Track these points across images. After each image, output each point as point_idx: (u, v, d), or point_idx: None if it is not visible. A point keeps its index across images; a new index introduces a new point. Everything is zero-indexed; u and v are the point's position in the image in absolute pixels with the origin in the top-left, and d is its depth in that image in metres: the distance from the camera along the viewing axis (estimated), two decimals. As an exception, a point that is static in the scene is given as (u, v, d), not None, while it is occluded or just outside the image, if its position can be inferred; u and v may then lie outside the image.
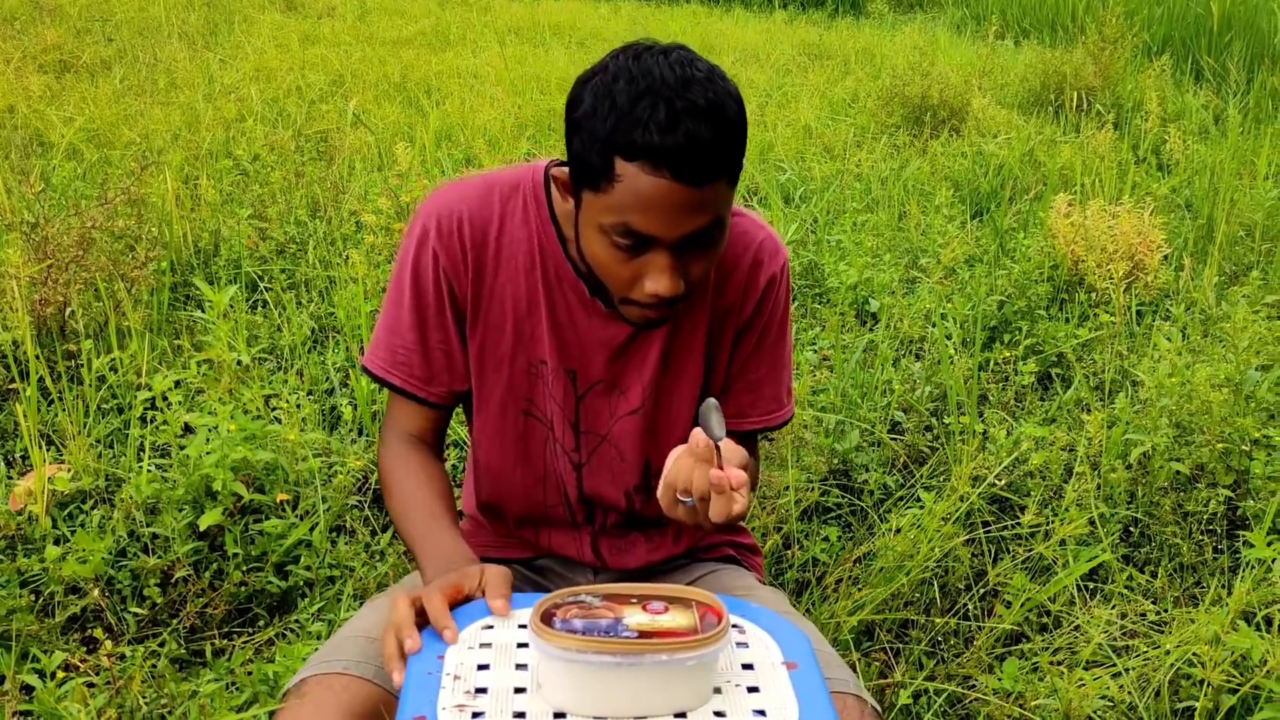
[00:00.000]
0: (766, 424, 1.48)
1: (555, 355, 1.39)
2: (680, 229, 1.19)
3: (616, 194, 1.18)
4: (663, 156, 1.14)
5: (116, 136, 4.72)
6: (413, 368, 1.40)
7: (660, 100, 1.14)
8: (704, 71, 1.18)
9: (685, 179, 1.15)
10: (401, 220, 3.30)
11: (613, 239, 1.21)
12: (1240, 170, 4.75)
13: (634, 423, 1.43)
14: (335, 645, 1.33)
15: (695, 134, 1.14)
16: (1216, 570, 2.10)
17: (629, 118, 1.15)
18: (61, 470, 2.29)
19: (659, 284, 1.22)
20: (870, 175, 4.58)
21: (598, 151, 1.17)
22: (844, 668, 1.34)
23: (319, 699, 1.24)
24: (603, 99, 1.17)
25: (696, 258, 1.24)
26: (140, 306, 2.93)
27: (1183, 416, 2.35)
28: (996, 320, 3.10)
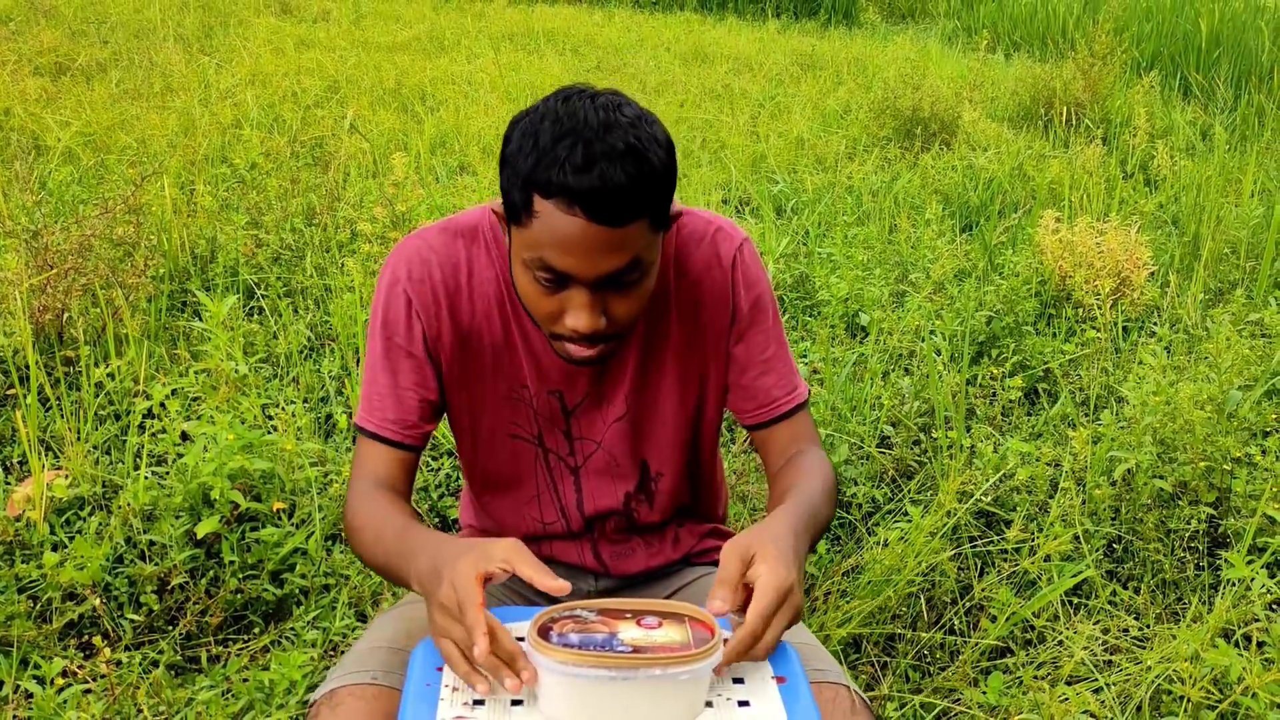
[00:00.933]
0: (794, 401, 1.48)
1: (536, 381, 1.43)
2: (595, 268, 1.22)
3: (535, 230, 1.21)
4: (576, 196, 1.18)
5: (113, 141, 4.74)
6: (385, 410, 1.42)
7: (580, 141, 1.18)
8: (629, 117, 1.21)
9: (598, 219, 1.19)
10: (398, 229, 3.33)
11: (534, 274, 1.25)
12: (1226, 188, 4.81)
13: (622, 427, 1.47)
14: (360, 656, 1.36)
15: (610, 176, 1.17)
16: (1198, 587, 2.14)
17: (548, 156, 1.18)
18: (60, 477, 2.31)
19: (578, 320, 1.26)
20: (862, 187, 4.62)
21: (519, 188, 1.21)
22: (829, 659, 1.39)
23: (352, 709, 1.28)
24: (528, 138, 1.21)
25: (618, 297, 1.27)
26: (138, 314, 2.95)
27: (1166, 434, 2.39)
28: (985, 335, 3.14)
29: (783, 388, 1.47)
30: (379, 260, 3.19)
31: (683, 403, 1.49)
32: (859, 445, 2.57)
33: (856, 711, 1.30)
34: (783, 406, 1.47)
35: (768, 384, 1.47)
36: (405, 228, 3.37)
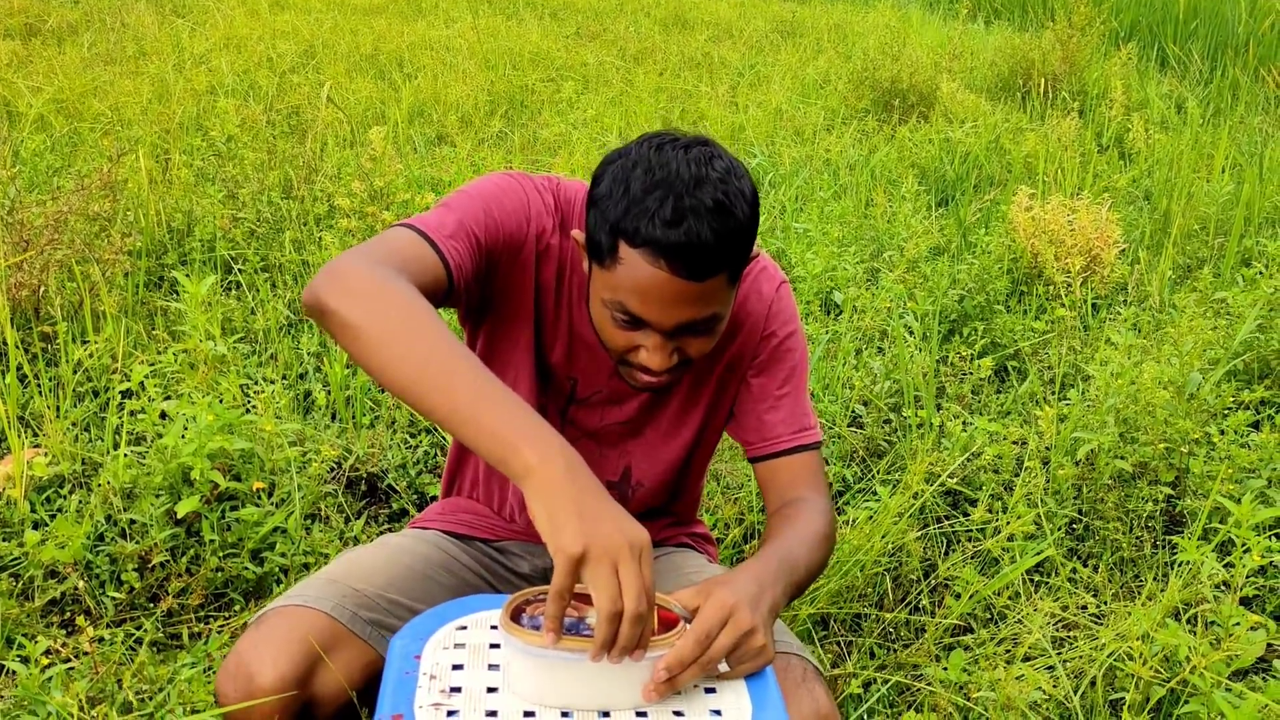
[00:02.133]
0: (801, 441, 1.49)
1: (564, 363, 1.47)
2: (673, 318, 1.27)
3: (618, 275, 1.25)
4: (663, 249, 1.21)
5: (86, 108, 4.70)
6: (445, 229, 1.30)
7: (670, 194, 1.20)
8: (720, 171, 1.24)
9: (682, 273, 1.22)
10: (375, 204, 3.33)
11: (613, 313, 1.29)
12: (1198, 163, 4.86)
13: (622, 431, 1.51)
14: (299, 585, 1.41)
15: (697, 232, 1.20)
16: (1155, 565, 2.21)
17: (639, 206, 1.21)
18: (39, 455, 2.32)
19: (651, 360, 1.30)
20: (839, 161, 4.65)
21: (606, 232, 1.24)
22: (786, 631, 1.44)
23: (274, 626, 1.32)
24: (619, 183, 1.24)
25: (693, 340, 1.31)
26: (115, 290, 2.96)
27: (1129, 414, 2.45)
28: (956, 314, 3.19)
29: (789, 426, 1.49)
30: (357, 235, 3.20)
31: (686, 426, 1.53)
32: (830, 425, 2.62)
33: (807, 679, 1.35)
34: (785, 443, 1.48)
35: (775, 419, 1.49)
36: (383, 203, 3.38)
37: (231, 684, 1.30)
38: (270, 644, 1.30)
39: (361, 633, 1.35)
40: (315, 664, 1.31)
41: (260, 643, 1.31)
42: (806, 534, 1.38)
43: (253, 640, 1.32)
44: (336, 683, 1.33)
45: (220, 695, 1.33)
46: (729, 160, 1.27)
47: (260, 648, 1.30)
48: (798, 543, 1.36)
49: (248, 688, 1.29)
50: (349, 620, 1.35)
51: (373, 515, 2.39)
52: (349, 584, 1.39)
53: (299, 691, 1.30)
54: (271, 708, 1.29)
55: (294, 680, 1.29)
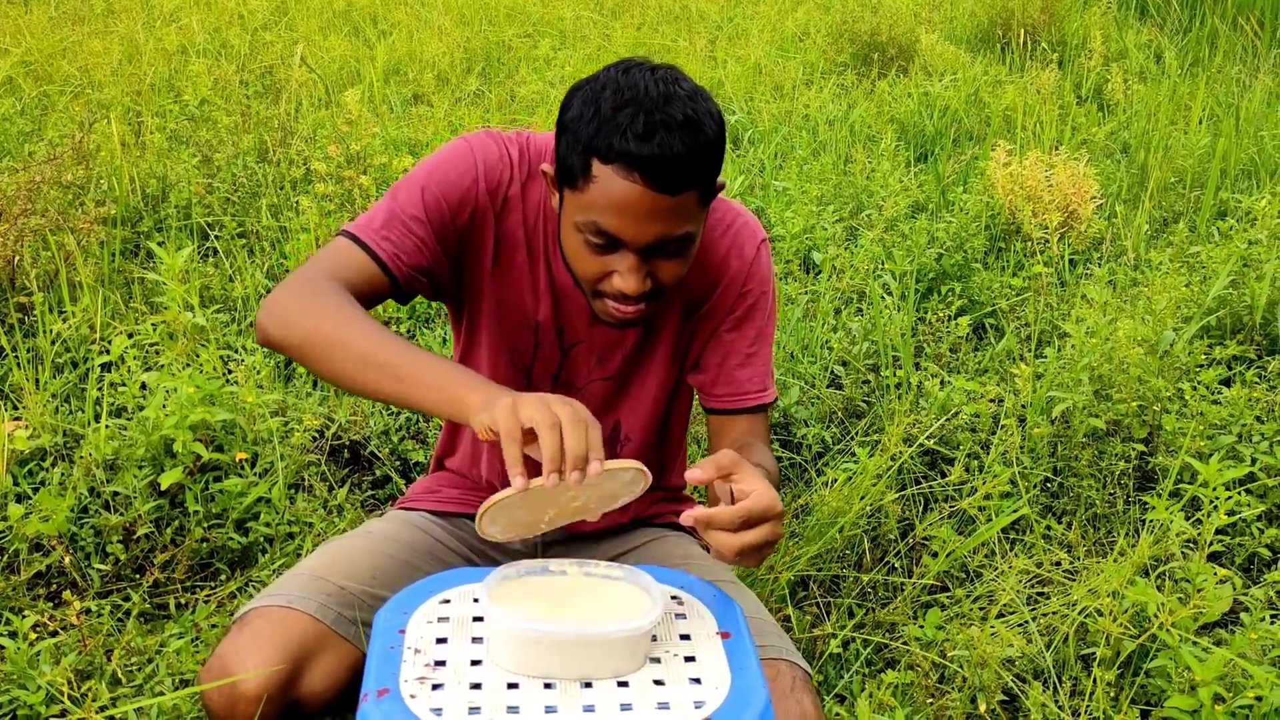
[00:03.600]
0: (762, 399, 1.55)
1: (550, 313, 1.49)
2: (647, 234, 1.29)
3: (591, 194, 1.27)
4: (636, 162, 1.24)
5: (55, 70, 4.63)
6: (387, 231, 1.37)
7: (641, 111, 1.24)
8: (687, 90, 1.28)
9: (655, 186, 1.25)
10: (352, 168, 3.31)
11: (586, 236, 1.31)
12: (1175, 115, 4.87)
13: (607, 387, 1.54)
14: (281, 582, 1.40)
15: (669, 145, 1.24)
16: (1126, 521, 2.25)
17: (610, 124, 1.24)
18: (20, 428, 2.32)
19: (626, 282, 1.32)
20: (818, 117, 4.63)
21: (578, 153, 1.27)
22: (779, 634, 1.45)
23: (258, 629, 1.32)
24: (589, 105, 1.26)
25: (665, 263, 1.34)
26: (90, 259, 2.94)
27: (1103, 372, 2.48)
28: (935, 272, 3.20)
29: (756, 384, 1.54)
30: (334, 200, 3.18)
31: (668, 377, 1.55)
32: (809, 386, 2.64)
33: (796, 688, 1.36)
34: (750, 400, 1.54)
35: (744, 376, 1.53)
36: (360, 166, 3.35)
37: (215, 689, 1.30)
38: (254, 648, 1.30)
39: (346, 633, 1.36)
40: (300, 666, 1.32)
41: (243, 647, 1.31)
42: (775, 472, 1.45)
43: (235, 644, 1.32)
44: (321, 684, 1.33)
45: (204, 699, 1.33)
46: (693, 84, 1.31)
47: (243, 652, 1.30)
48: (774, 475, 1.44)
49: (231, 693, 1.29)
50: (333, 621, 1.36)
51: (356, 483, 2.40)
52: (333, 580, 1.39)
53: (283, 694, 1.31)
54: (254, 710, 1.29)
55: (278, 683, 1.30)
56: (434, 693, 1.17)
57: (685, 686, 1.20)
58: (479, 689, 1.18)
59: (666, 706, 1.17)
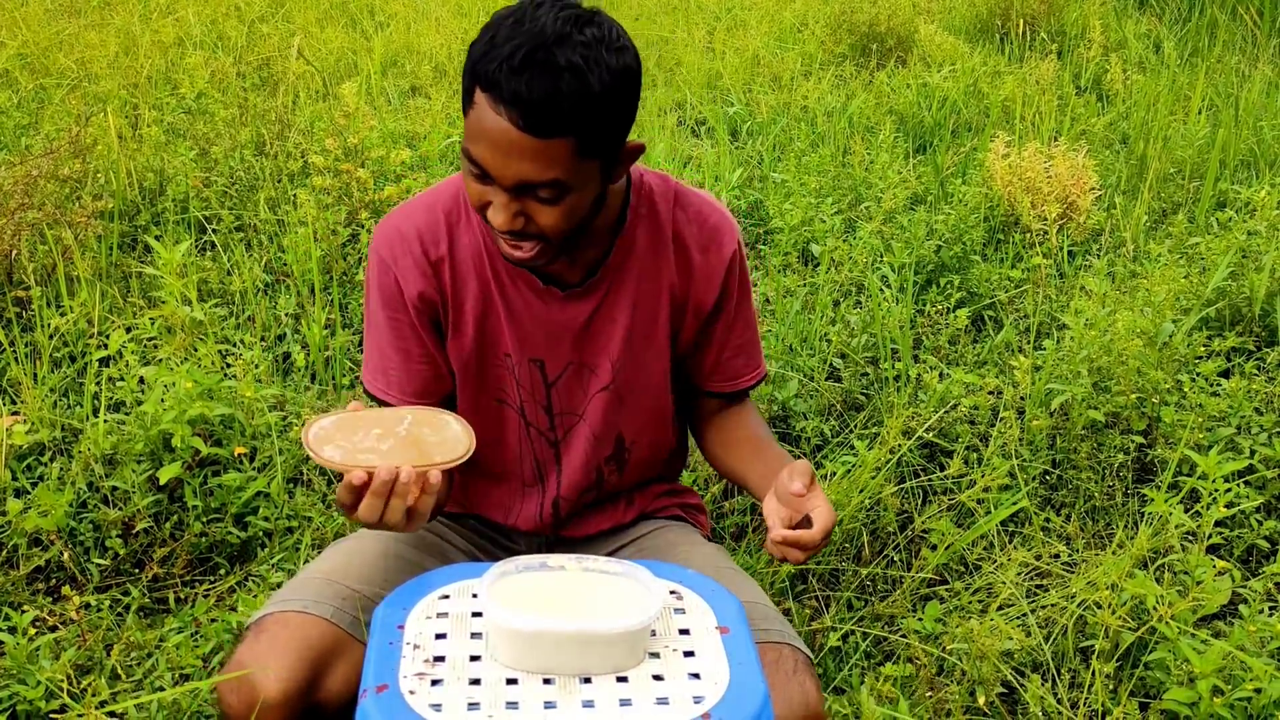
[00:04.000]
0: (757, 378, 1.60)
1: (516, 348, 1.47)
2: (508, 171, 1.26)
3: (470, 119, 1.27)
4: (503, 96, 1.21)
5: (51, 62, 4.61)
6: (402, 384, 1.48)
7: (526, 44, 1.21)
8: (588, 37, 1.23)
9: (522, 125, 1.22)
10: (350, 160, 3.30)
11: (468, 164, 1.30)
12: (1175, 105, 4.86)
13: (605, 398, 1.51)
14: (296, 585, 1.40)
15: (540, 85, 1.20)
16: (1126, 514, 2.25)
17: (496, 51, 1.22)
18: (19, 422, 2.32)
19: (494, 216, 1.30)
20: (816, 108, 4.62)
21: (467, 76, 1.26)
22: (779, 619, 1.45)
23: (275, 635, 1.32)
24: (489, 29, 1.25)
25: (539, 208, 1.30)
26: (88, 254, 2.93)
27: (1102, 364, 2.48)
28: (934, 264, 3.20)
29: (749, 368, 1.58)
30: (332, 194, 3.17)
31: (663, 375, 1.54)
32: (809, 378, 2.64)
33: (798, 671, 1.36)
34: (745, 383, 1.58)
35: (739, 365, 1.57)
36: (358, 159, 3.35)
37: (235, 695, 1.30)
38: (273, 654, 1.30)
39: (362, 636, 1.36)
40: (319, 671, 1.32)
41: (263, 653, 1.30)
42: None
43: (254, 650, 1.31)
44: (339, 687, 1.33)
45: (223, 704, 1.32)
46: (610, 34, 1.26)
47: (263, 658, 1.30)
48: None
49: (251, 699, 1.29)
50: (350, 625, 1.36)
51: (355, 477, 2.39)
52: (347, 584, 1.40)
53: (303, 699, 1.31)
54: (277, 718, 1.29)
55: (297, 690, 1.30)
56: (433, 688, 1.17)
57: (684, 681, 1.20)
58: (478, 684, 1.18)
59: (666, 702, 1.17)
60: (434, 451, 1.30)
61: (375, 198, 3.21)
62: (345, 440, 1.28)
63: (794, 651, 1.39)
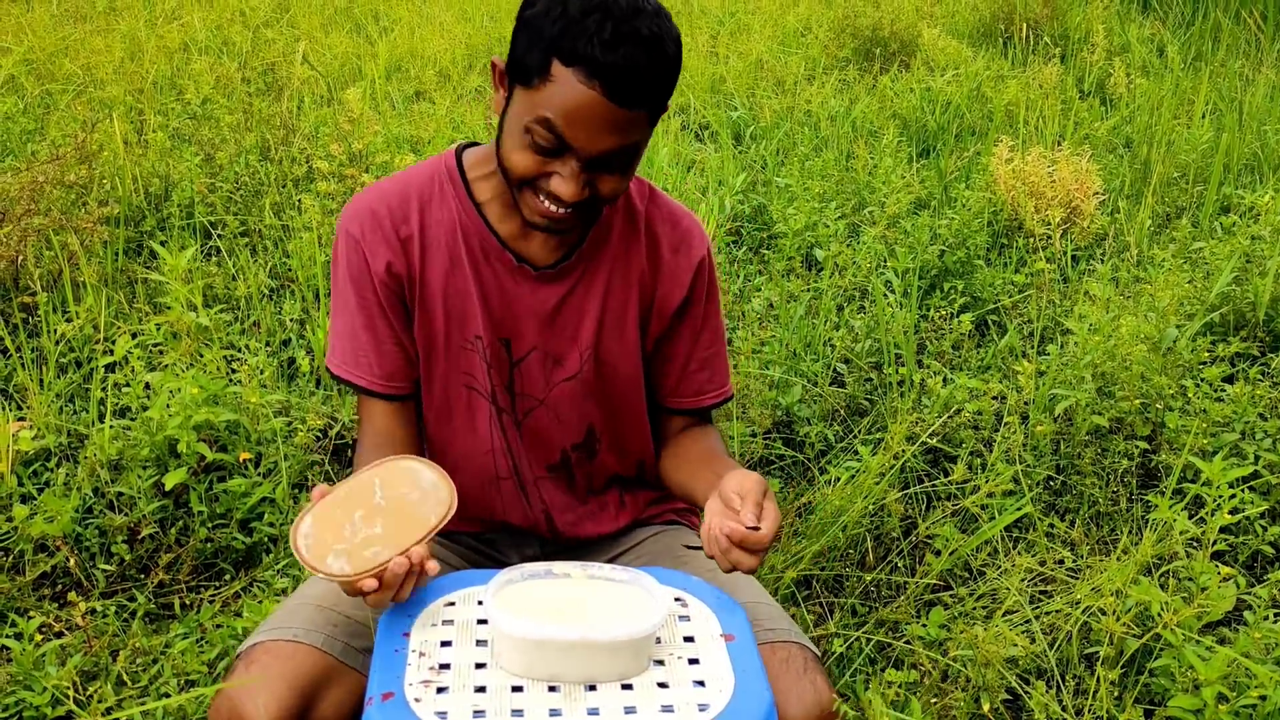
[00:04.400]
0: (721, 396, 1.60)
1: (488, 329, 1.47)
2: (598, 143, 1.28)
3: (547, 93, 1.26)
4: (600, 70, 1.23)
5: (57, 68, 4.63)
6: (373, 366, 1.47)
7: (609, 19, 1.23)
8: (653, 6, 1.27)
9: (614, 97, 1.24)
10: (354, 165, 3.31)
11: (533, 138, 1.28)
12: (1179, 109, 4.86)
13: (572, 388, 1.51)
14: (286, 613, 1.38)
15: (633, 57, 1.23)
16: (1130, 519, 2.25)
17: (577, 26, 1.23)
18: (24, 428, 2.33)
19: (565, 187, 1.30)
20: (820, 113, 4.63)
21: (540, 50, 1.25)
22: (785, 618, 1.46)
23: (267, 666, 1.30)
24: (555, 4, 1.25)
25: (606, 177, 1.32)
26: (93, 259, 2.94)
27: (1106, 369, 2.48)
28: (937, 269, 3.20)
29: (714, 384, 1.58)
30: (337, 199, 3.18)
31: (635, 368, 1.54)
32: (812, 384, 2.64)
33: (809, 670, 1.36)
34: (709, 399, 1.59)
35: (702, 379, 1.57)
36: (362, 164, 3.36)
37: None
38: (263, 685, 1.28)
39: (354, 663, 1.34)
40: (310, 700, 1.30)
41: (252, 684, 1.28)
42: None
43: (244, 681, 1.29)
44: (331, 715, 1.32)
45: None
46: (658, 3, 1.30)
47: (251, 691, 1.28)
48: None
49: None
50: (341, 653, 1.34)
51: (360, 482, 2.40)
52: (339, 610, 1.37)
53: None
54: None
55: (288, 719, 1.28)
56: (438, 696, 1.18)
57: (689, 689, 1.21)
58: (483, 692, 1.19)
59: (671, 709, 1.17)
60: (423, 512, 1.28)
61: (380, 203, 3.22)
62: (334, 539, 1.23)
63: (803, 650, 1.39)
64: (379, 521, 1.25)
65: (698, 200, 3.60)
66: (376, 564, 1.21)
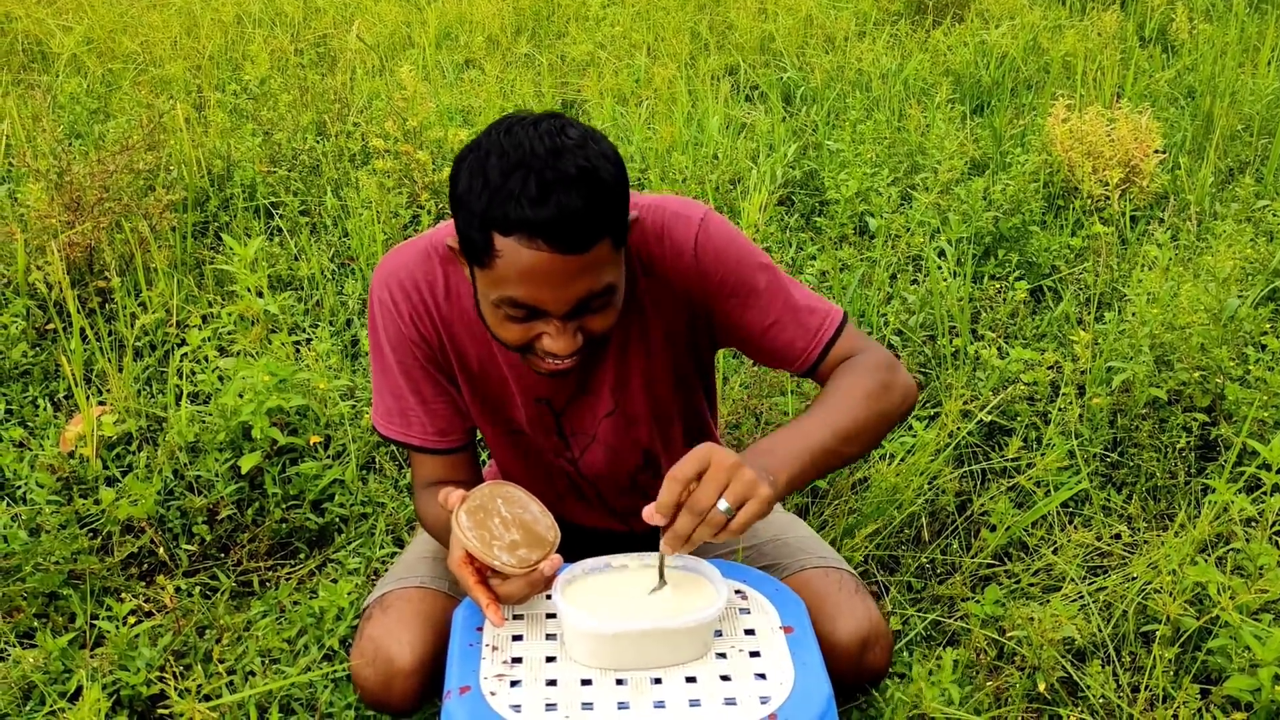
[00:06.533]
0: (821, 343, 1.46)
1: (521, 389, 1.50)
2: (565, 296, 1.23)
3: (499, 269, 1.22)
4: (537, 229, 1.18)
5: (117, 45, 4.71)
6: (425, 426, 1.50)
7: (531, 173, 1.18)
8: (575, 139, 1.21)
9: (562, 248, 1.19)
10: (409, 143, 3.36)
11: (506, 313, 1.26)
12: (1243, 57, 4.72)
13: (615, 421, 1.53)
14: (407, 565, 1.53)
15: (567, 204, 1.17)
16: (1189, 494, 2.25)
17: (501, 192, 1.18)
18: (107, 412, 2.43)
19: (556, 345, 1.28)
20: (871, 71, 4.57)
21: (477, 228, 1.22)
22: (825, 546, 1.57)
23: (401, 610, 1.45)
24: (476, 176, 1.21)
25: (593, 318, 1.28)
26: (163, 245, 3.03)
27: (1164, 339, 2.46)
28: (992, 236, 3.18)
29: (804, 337, 1.45)
30: (394, 176, 3.23)
31: (677, 390, 1.54)
32: (866, 356, 2.65)
33: (859, 591, 1.46)
34: (813, 354, 1.46)
35: (788, 339, 1.45)
36: (417, 141, 3.40)
37: (370, 669, 1.42)
38: (401, 627, 1.42)
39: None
40: (443, 638, 1.41)
41: (392, 626, 1.43)
42: (839, 396, 1.38)
43: (384, 625, 1.44)
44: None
45: (358, 679, 1.44)
46: (582, 128, 1.24)
47: (394, 631, 1.42)
48: (827, 407, 1.36)
49: (388, 670, 1.41)
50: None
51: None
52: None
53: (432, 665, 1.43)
54: (412, 684, 1.41)
55: (428, 658, 1.42)
56: (512, 690, 1.24)
57: (751, 682, 1.26)
58: (554, 685, 1.25)
59: (734, 702, 1.23)
60: (540, 531, 1.34)
61: (435, 179, 3.27)
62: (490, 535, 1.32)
63: (852, 576, 1.49)
64: (514, 531, 1.33)
65: (748, 168, 3.60)
66: (530, 562, 1.29)
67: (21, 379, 2.66)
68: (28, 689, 1.80)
